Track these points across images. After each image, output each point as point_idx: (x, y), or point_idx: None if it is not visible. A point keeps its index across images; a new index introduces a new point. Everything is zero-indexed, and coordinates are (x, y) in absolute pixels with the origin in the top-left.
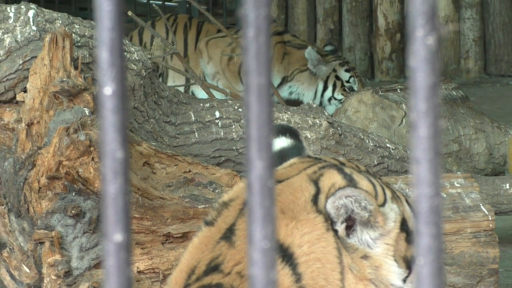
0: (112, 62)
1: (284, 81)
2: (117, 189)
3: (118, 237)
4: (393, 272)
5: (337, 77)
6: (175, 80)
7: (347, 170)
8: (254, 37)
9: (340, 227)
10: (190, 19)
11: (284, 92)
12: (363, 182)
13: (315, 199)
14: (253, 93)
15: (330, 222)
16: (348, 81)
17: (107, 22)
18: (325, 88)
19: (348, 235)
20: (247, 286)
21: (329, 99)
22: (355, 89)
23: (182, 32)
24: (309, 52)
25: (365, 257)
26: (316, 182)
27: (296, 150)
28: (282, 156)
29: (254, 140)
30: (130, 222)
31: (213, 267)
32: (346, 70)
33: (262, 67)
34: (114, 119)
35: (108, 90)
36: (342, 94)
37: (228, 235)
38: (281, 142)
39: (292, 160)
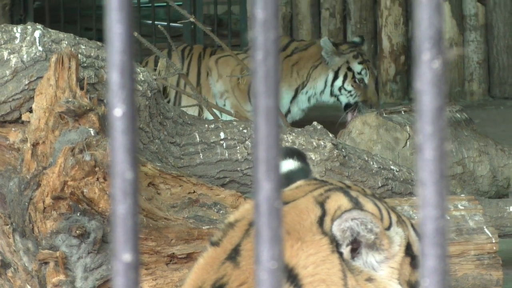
0: (123, 84)
1: (298, 91)
2: (127, 209)
3: (127, 257)
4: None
5: (349, 68)
6: (188, 103)
7: (353, 193)
8: (262, 60)
9: (346, 250)
10: (205, 49)
11: (303, 103)
12: (368, 205)
13: (320, 221)
14: (262, 115)
15: (335, 244)
16: (359, 73)
17: (118, 44)
18: (335, 78)
19: (353, 257)
20: None
21: (339, 89)
22: (366, 81)
23: (196, 62)
24: (325, 41)
25: (369, 279)
26: (322, 204)
27: (303, 172)
28: (289, 178)
29: (262, 161)
30: (139, 242)
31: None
32: (359, 63)
33: (271, 89)
34: (124, 140)
35: (118, 111)
36: (353, 86)
37: (233, 255)
38: (289, 165)
39: (298, 182)
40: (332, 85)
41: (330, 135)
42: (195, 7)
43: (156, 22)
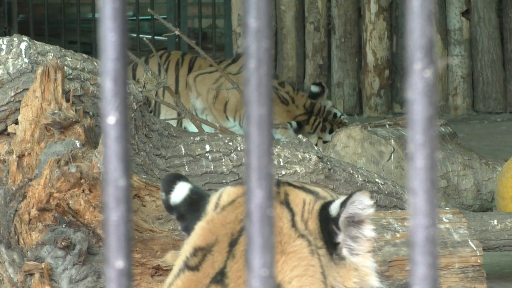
0: (116, 92)
1: None
2: (119, 216)
3: (119, 263)
4: (374, 275)
5: (324, 141)
6: (166, 115)
7: (297, 184)
8: (255, 69)
9: (342, 238)
10: (183, 55)
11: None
12: (324, 193)
13: (293, 223)
14: (254, 124)
15: (313, 246)
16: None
17: (112, 53)
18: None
19: (339, 249)
20: None
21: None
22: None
23: (174, 69)
24: (289, 129)
25: (353, 268)
26: (287, 204)
27: (196, 190)
28: (199, 196)
29: (254, 169)
30: (132, 249)
31: None
32: (330, 132)
33: (263, 98)
34: (117, 148)
35: (111, 119)
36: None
37: (219, 278)
38: (184, 186)
39: (230, 194)
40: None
41: (315, 148)
42: (180, 21)
43: (140, 35)
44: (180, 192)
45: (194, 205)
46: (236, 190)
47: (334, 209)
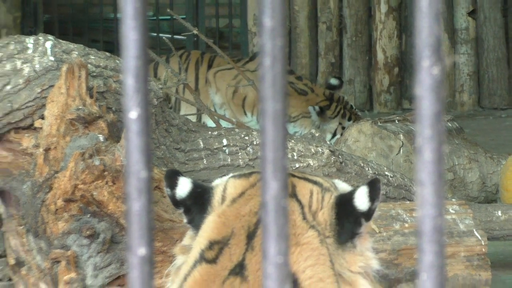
0: (138, 88)
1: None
2: (141, 206)
3: (142, 251)
4: (376, 259)
5: (343, 127)
6: (186, 111)
7: (300, 175)
8: (270, 66)
9: (363, 228)
10: (203, 54)
11: (289, 131)
12: (325, 182)
13: (303, 215)
14: (269, 119)
15: (322, 235)
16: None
17: (133, 51)
18: (333, 136)
19: (352, 238)
20: None
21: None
22: None
23: (194, 68)
24: (312, 113)
25: (359, 253)
26: (295, 196)
27: (199, 183)
28: (202, 190)
29: (270, 162)
30: (153, 238)
31: None
32: (349, 119)
33: (278, 94)
34: (139, 141)
35: (133, 114)
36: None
37: (238, 270)
38: (186, 181)
39: (239, 183)
40: (330, 140)
41: (328, 142)
42: (198, 20)
43: (160, 34)
44: (184, 186)
45: (199, 198)
46: (242, 183)
47: (362, 203)
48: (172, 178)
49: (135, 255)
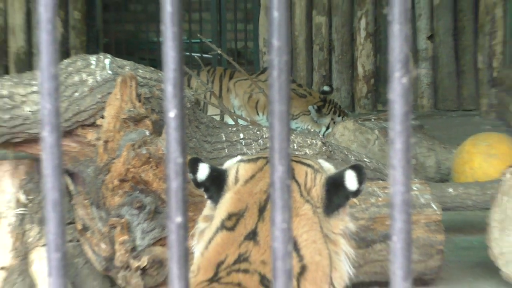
0: (175, 94)
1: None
2: (178, 184)
3: (178, 219)
4: (352, 223)
5: (334, 121)
6: (212, 112)
7: (296, 158)
8: (277, 76)
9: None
10: (225, 69)
11: (292, 126)
12: (315, 164)
13: (301, 193)
14: (276, 117)
15: (314, 207)
16: (342, 120)
17: (172, 65)
18: (327, 128)
19: (341, 209)
20: (268, 270)
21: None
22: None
23: (218, 79)
24: (311, 111)
25: (341, 219)
26: (294, 178)
27: (215, 167)
28: (218, 173)
29: (276, 151)
30: (187, 209)
31: (242, 260)
32: (339, 115)
33: (283, 98)
34: (176, 135)
35: (172, 113)
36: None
37: (252, 236)
38: (205, 166)
39: (249, 167)
40: (324, 133)
41: (320, 136)
42: (221, 43)
43: (192, 54)
44: (203, 171)
45: (215, 179)
46: (252, 166)
47: (352, 185)
48: (193, 164)
49: (173, 223)
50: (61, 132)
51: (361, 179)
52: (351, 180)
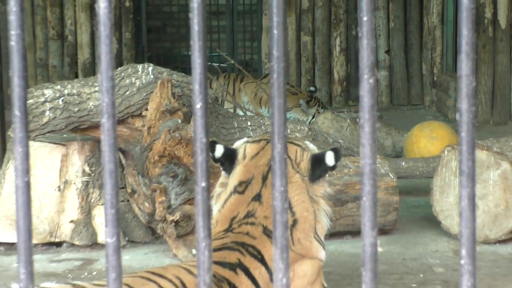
0: (201, 91)
1: None
2: (203, 158)
3: (203, 184)
4: (330, 188)
5: (318, 112)
6: (227, 106)
7: (288, 140)
8: (276, 78)
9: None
10: (237, 75)
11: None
12: (302, 143)
13: (293, 166)
14: (276, 108)
15: (302, 176)
16: (322, 110)
17: (198, 69)
18: (313, 117)
19: (322, 178)
20: (269, 223)
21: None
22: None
23: (232, 82)
24: (302, 104)
25: (321, 185)
26: (287, 154)
27: (228, 147)
28: (230, 151)
29: (276, 133)
30: (209, 176)
31: (250, 215)
32: (322, 108)
33: (281, 94)
34: (201, 121)
35: (198, 105)
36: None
37: (257, 198)
38: (220, 146)
39: (254, 146)
40: (310, 122)
41: (307, 123)
42: (234, 56)
43: (212, 63)
44: (219, 150)
45: (228, 156)
46: (256, 146)
47: (331, 162)
48: (212, 145)
49: (199, 187)
50: (115, 120)
51: (337, 158)
52: (330, 158)
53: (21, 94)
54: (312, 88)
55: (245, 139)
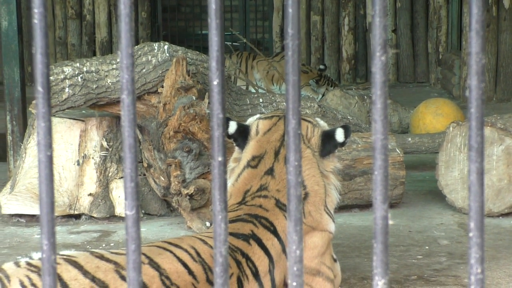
0: (217, 68)
1: None
2: (219, 133)
3: (220, 158)
4: (339, 163)
5: (328, 90)
6: (240, 83)
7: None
8: (291, 55)
9: (335, 148)
10: (249, 53)
11: None
12: (313, 120)
13: (304, 142)
14: (290, 84)
15: (313, 151)
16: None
17: (215, 47)
18: (323, 95)
19: (332, 154)
20: (281, 196)
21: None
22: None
23: (245, 60)
24: (312, 84)
25: (331, 161)
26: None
27: (241, 123)
28: (243, 128)
29: (290, 109)
30: (226, 151)
31: (263, 188)
32: (331, 86)
33: (295, 70)
34: (218, 97)
35: (215, 81)
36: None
37: (270, 172)
38: (233, 123)
39: (266, 122)
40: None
41: (317, 100)
42: (246, 34)
43: (226, 42)
44: (232, 126)
45: (241, 132)
46: (268, 122)
47: (341, 138)
48: (226, 122)
49: (216, 161)
50: (135, 96)
51: (347, 135)
52: (340, 135)
53: (43, 71)
54: (321, 66)
55: (258, 115)
